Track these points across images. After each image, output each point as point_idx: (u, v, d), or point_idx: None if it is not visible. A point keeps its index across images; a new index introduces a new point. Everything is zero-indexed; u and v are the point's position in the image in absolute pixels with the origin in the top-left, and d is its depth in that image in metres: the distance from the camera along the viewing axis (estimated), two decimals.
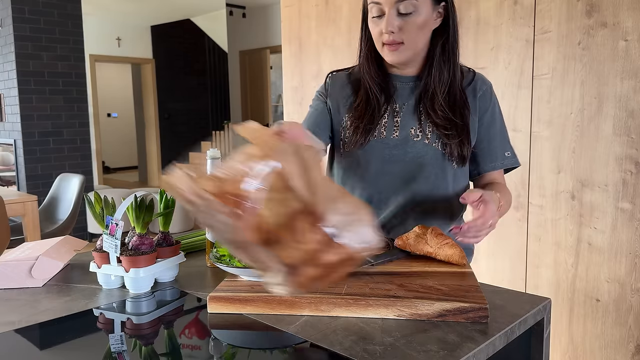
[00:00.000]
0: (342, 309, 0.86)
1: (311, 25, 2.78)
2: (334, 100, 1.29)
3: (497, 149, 1.24)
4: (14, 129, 4.89)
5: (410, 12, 1.10)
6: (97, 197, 1.09)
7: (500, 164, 1.24)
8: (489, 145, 1.23)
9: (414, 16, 1.11)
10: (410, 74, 1.23)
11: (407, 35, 1.12)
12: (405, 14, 1.10)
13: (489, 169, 1.24)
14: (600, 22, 1.79)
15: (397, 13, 1.11)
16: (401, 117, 1.21)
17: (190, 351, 0.80)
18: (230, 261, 0.97)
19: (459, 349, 0.74)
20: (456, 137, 1.17)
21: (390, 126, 1.21)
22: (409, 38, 1.13)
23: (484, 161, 1.24)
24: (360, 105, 1.22)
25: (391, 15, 1.10)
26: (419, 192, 1.21)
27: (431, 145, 1.18)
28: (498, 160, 1.24)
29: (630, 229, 1.77)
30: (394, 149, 1.20)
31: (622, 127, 1.76)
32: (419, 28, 1.13)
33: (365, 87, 1.24)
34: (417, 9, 1.10)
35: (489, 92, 1.24)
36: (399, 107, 1.22)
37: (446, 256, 1.04)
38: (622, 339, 1.82)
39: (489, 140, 1.23)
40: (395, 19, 1.11)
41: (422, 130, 1.19)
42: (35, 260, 1.08)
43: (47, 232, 3.72)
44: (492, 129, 1.23)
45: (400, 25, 1.11)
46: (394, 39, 1.12)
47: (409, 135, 1.19)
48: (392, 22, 1.11)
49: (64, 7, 4.92)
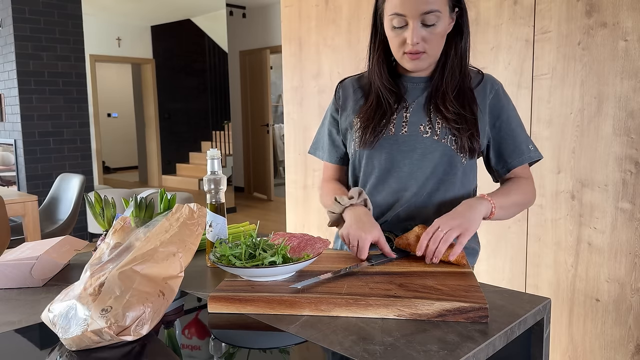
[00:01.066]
0: (342, 309, 0.86)
1: (311, 25, 2.78)
2: (346, 109, 1.32)
3: (522, 144, 1.25)
4: (14, 129, 4.89)
5: (434, 24, 1.13)
6: (97, 197, 1.09)
7: (528, 157, 1.25)
8: (513, 141, 1.24)
9: (437, 26, 1.14)
10: (422, 75, 1.25)
11: (430, 45, 1.15)
12: (429, 25, 1.13)
13: (517, 163, 1.25)
14: (600, 22, 1.79)
15: (421, 25, 1.13)
16: (410, 114, 1.23)
17: (190, 351, 0.80)
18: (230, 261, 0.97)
19: (459, 349, 0.74)
20: (467, 131, 1.18)
21: (399, 123, 1.23)
22: (431, 47, 1.16)
23: (511, 157, 1.25)
24: (370, 108, 1.25)
25: (416, 27, 1.13)
26: (427, 188, 1.22)
27: (440, 141, 1.20)
28: (525, 154, 1.25)
29: (630, 229, 1.77)
30: (402, 145, 1.21)
31: (622, 127, 1.77)
32: (441, 37, 1.16)
33: (376, 90, 1.26)
34: (439, 19, 1.13)
35: (501, 91, 1.26)
36: (408, 104, 1.24)
37: (445, 256, 1.04)
38: (622, 339, 1.82)
39: (513, 137, 1.24)
40: (420, 30, 1.13)
41: (432, 127, 1.20)
42: (35, 260, 1.08)
43: (47, 232, 3.72)
44: (513, 124, 1.25)
45: (425, 36, 1.14)
46: (417, 49, 1.15)
47: (418, 131, 1.21)
48: (417, 34, 1.13)
49: (64, 7, 4.93)
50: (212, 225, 1.13)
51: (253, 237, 1.04)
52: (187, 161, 8.19)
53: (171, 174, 7.97)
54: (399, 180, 1.22)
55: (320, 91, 2.77)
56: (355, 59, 2.58)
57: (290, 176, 3.01)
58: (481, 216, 1.10)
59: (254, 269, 0.93)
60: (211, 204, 1.13)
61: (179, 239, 0.88)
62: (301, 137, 2.91)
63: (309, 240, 1.08)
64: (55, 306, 0.82)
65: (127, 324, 0.75)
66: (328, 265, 1.06)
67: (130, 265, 0.82)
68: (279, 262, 0.95)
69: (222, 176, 1.13)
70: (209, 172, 1.13)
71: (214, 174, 1.13)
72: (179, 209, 0.95)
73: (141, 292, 0.79)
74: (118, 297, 0.77)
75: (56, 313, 0.81)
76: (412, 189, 1.22)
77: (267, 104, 7.61)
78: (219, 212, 1.13)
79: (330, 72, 2.71)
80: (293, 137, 2.97)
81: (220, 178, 1.13)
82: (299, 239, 1.08)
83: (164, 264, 0.84)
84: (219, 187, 1.13)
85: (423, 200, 1.23)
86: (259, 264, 0.95)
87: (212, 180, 1.12)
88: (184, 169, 8.06)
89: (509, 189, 1.22)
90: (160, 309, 0.80)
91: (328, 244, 1.05)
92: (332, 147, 1.37)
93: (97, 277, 0.83)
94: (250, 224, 1.43)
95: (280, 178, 7.95)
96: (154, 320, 0.79)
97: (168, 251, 0.85)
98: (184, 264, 0.86)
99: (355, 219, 1.13)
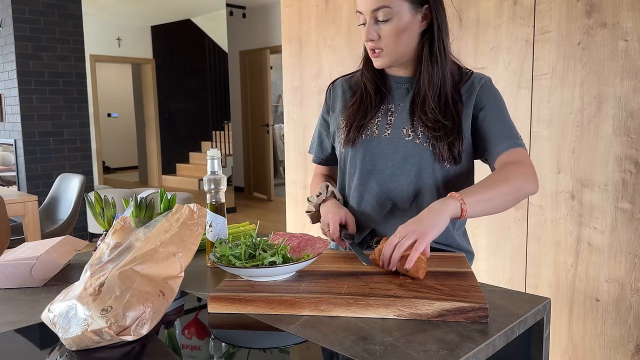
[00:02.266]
0: (342, 309, 0.86)
1: (311, 25, 2.78)
2: (335, 110, 1.33)
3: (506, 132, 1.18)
4: (14, 129, 4.89)
5: (388, 19, 1.13)
6: (97, 197, 1.09)
7: (514, 143, 1.17)
8: (497, 128, 1.18)
9: (392, 22, 1.13)
10: (404, 75, 1.25)
11: (385, 41, 1.16)
12: (383, 21, 1.13)
13: (502, 149, 1.16)
14: (600, 22, 1.79)
15: (374, 21, 1.14)
16: (395, 117, 1.22)
17: (190, 351, 0.80)
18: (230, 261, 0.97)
19: (458, 349, 0.74)
20: (445, 139, 1.16)
21: (382, 125, 1.23)
22: (387, 44, 1.16)
23: (497, 144, 1.17)
24: (354, 104, 1.26)
25: (370, 24, 1.15)
26: (408, 190, 1.21)
27: (422, 144, 1.19)
28: (510, 139, 1.17)
29: (630, 229, 1.77)
30: (385, 147, 1.21)
31: (622, 127, 1.77)
32: (398, 34, 1.15)
33: (361, 87, 1.27)
34: (394, 15, 1.12)
35: (487, 85, 1.22)
36: (393, 108, 1.24)
37: (404, 270, 0.97)
38: (622, 339, 1.82)
39: (497, 124, 1.18)
40: (373, 27, 1.15)
41: (414, 130, 1.20)
42: (35, 260, 1.08)
43: (47, 232, 3.72)
44: (497, 113, 1.19)
45: (379, 32, 1.15)
46: (374, 46, 1.17)
47: (400, 134, 1.21)
48: (370, 31, 1.15)
49: (64, 7, 4.93)
50: (212, 225, 1.13)
51: (253, 237, 1.04)
52: (187, 161, 8.19)
53: (171, 174, 7.97)
54: (380, 182, 1.22)
55: (320, 91, 2.77)
56: (355, 59, 2.57)
57: (290, 176, 3.01)
58: (446, 218, 1.00)
59: (254, 269, 0.93)
60: (211, 204, 1.13)
61: (179, 239, 0.88)
62: (301, 137, 2.91)
63: (309, 240, 1.08)
64: (55, 306, 0.82)
65: (127, 323, 0.75)
66: (328, 265, 1.06)
67: (130, 265, 0.82)
68: (279, 262, 0.95)
69: (222, 176, 1.13)
70: (209, 172, 1.13)
71: (214, 174, 1.13)
72: (179, 209, 0.95)
73: (141, 292, 0.79)
74: (118, 297, 0.77)
75: (56, 313, 0.81)
76: (394, 191, 1.22)
77: (267, 104, 7.61)
78: (219, 212, 1.14)
79: (330, 72, 2.71)
80: (293, 137, 2.97)
81: (220, 178, 1.13)
82: (299, 239, 1.08)
83: (164, 264, 0.84)
84: (219, 187, 1.13)
85: (407, 204, 1.22)
86: (259, 264, 0.95)
87: (212, 180, 1.12)
88: (184, 169, 8.06)
89: (488, 180, 1.11)
90: (160, 309, 0.80)
91: (328, 244, 1.05)
92: (319, 148, 1.41)
93: (97, 277, 0.83)
94: (250, 224, 1.43)
95: (280, 178, 7.95)
96: (154, 320, 0.79)
97: (168, 251, 0.86)
98: (184, 264, 0.86)
99: (325, 210, 1.24)
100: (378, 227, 1.24)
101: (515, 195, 1.10)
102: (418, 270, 0.95)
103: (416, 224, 0.99)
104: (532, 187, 1.12)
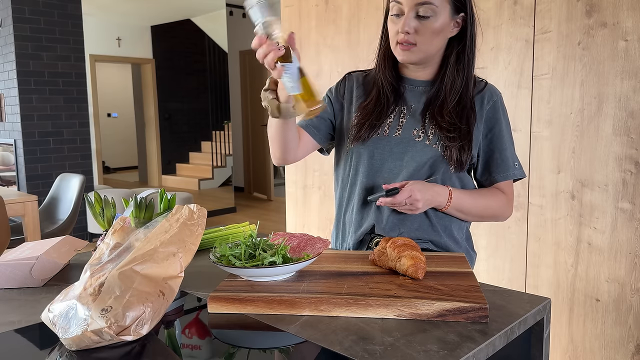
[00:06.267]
0: (342, 309, 0.86)
1: (311, 25, 2.78)
2: (346, 101, 1.33)
3: (508, 160, 1.25)
4: (14, 129, 4.89)
5: (429, 16, 1.13)
6: (97, 197, 1.09)
7: (512, 174, 1.26)
8: (500, 155, 1.25)
9: (431, 20, 1.14)
10: (421, 78, 1.26)
11: (421, 37, 1.15)
12: (423, 17, 1.13)
13: (501, 179, 1.25)
14: (600, 22, 1.79)
15: (415, 15, 1.14)
16: (407, 119, 1.24)
17: (190, 351, 0.80)
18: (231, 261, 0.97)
19: (458, 349, 0.74)
20: (457, 141, 1.18)
21: (394, 126, 1.24)
22: (422, 40, 1.16)
23: (496, 171, 1.25)
24: (369, 103, 1.26)
25: (409, 17, 1.14)
26: None
27: (431, 146, 1.20)
28: (510, 170, 1.25)
29: (630, 229, 1.77)
30: (394, 146, 1.22)
31: (622, 127, 1.77)
32: (434, 33, 1.15)
33: (377, 85, 1.27)
34: (436, 14, 1.13)
35: (499, 102, 1.25)
36: (406, 110, 1.25)
37: (402, 270, 0.97)
38: (622, 339, 1.82)
39: (501, 151, 1.25)
40: (412, 20, 1.14)
41: (425, 132, 1.21)
42: (35, 260, 1.08)
43: (47, 232, 3.72)
44: (504, 139, 1.25)
45: (417, 27, 1.14)
46: (408, 40, 1.16)
47: (411, 135, 1.22)
48: (408, 23, 1.14)
49: (64, 7, 4.93)
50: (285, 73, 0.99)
51: (253, 237, 1.04)
52: (187, 161, 8.19)
53: (171, 174, 7.97)
54: (387, 180, 1.23)
55: (320, 91, 2.76)
56: (355, 59, 2.58)
57: (290, 176, 3.01)
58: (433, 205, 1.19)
59: (253, 269, 0.93)
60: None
61: (179, 239, 0.88)
62: None
63: (309, 240, 1.08)
64: (55, 306, 0.82)
65: (127, 323, 0.75)
66: (328, 265, 1.06)
67: (130, 265, 0.82)
68: (279, 262, 0.95)
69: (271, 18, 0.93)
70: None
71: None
72: (178, 209, 0.95)
73: (141, 292, 0.79)
74: (118, 297, 0.77)
75: (56, 313, 0.81)
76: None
77: None
78: (286, 59, 0.97)
79: (330, 72, 2.71)
80: None
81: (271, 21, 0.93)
82: (299, 239, 1.08)
83: (164, 264, 0.84)
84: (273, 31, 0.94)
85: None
86: (259, 264, 0.95)
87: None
88: (184, 169, 8.06)
89: (480, 194, 1.25)
90: (160, 309, 0.80)
91: (328, 244, 1.05)
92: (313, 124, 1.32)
93: (97, 277, 0.83)
94: (250, 224, 1.43)
95: (280, 178, 7.95)
96: (154, 320, 0.79)
97: (168, 251, 0.86)
98: (184, 264, 0.86)
99: None
100: (380, 225, 1.24)
101: (489, 219, 1.30)
102: (417, 270, 0.95)
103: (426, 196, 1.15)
104: (503, 219, 1.30)
